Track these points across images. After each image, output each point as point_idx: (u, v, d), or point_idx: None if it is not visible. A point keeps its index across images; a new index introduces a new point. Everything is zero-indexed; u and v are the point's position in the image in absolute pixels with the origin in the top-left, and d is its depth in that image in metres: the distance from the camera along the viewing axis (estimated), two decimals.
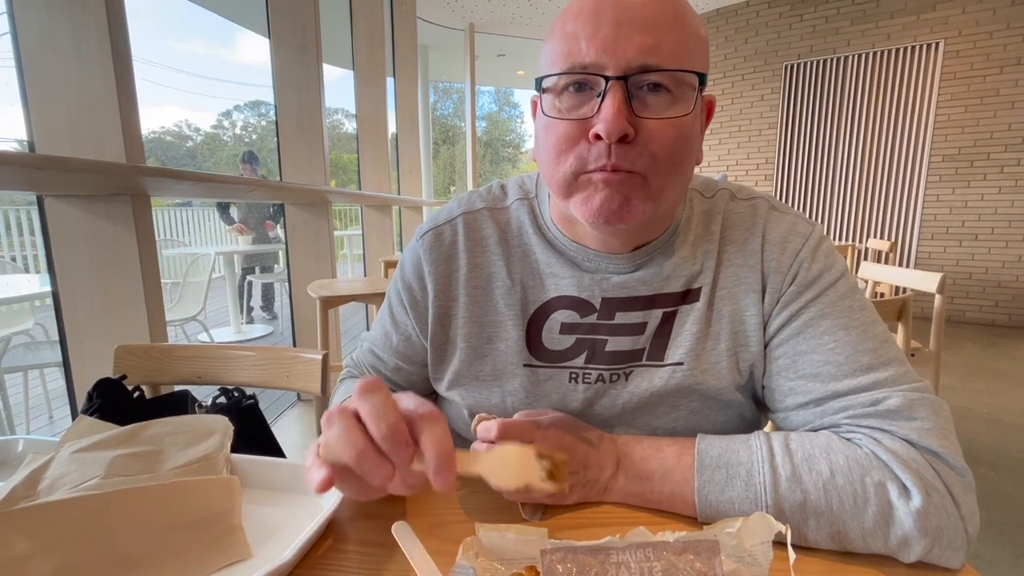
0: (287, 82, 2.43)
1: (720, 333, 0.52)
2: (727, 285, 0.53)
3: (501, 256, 0.57)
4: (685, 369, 0.52)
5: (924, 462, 0.41)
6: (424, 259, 0.58)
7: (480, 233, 0.58)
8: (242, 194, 2.46)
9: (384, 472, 0.35)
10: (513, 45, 6.57)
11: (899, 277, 1.95)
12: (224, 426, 0.53)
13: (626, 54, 0.43)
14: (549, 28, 0.49)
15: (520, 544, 0.37)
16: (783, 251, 0.52)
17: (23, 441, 0.57)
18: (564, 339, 0.55)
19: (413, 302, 0.59)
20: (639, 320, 0.53)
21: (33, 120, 1.19)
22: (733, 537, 0.36)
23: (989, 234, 4.20)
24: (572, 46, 0.45)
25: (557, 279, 0.55)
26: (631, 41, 0.43)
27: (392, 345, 0.62)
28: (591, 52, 0.44)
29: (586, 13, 0.45)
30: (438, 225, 0.59)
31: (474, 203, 0.60)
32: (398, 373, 0.63)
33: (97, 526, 0.39)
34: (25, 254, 5.05)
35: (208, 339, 3.42)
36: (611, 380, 0.54)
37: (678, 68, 0.44)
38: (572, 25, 0.45)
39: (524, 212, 0.58)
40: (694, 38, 0.45)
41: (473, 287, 0.57)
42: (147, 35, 8.18)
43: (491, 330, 0.56)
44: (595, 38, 0.44)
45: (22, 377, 2.17)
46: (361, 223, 3.89)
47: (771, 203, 0.55)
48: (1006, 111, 4.03)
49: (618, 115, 0.43)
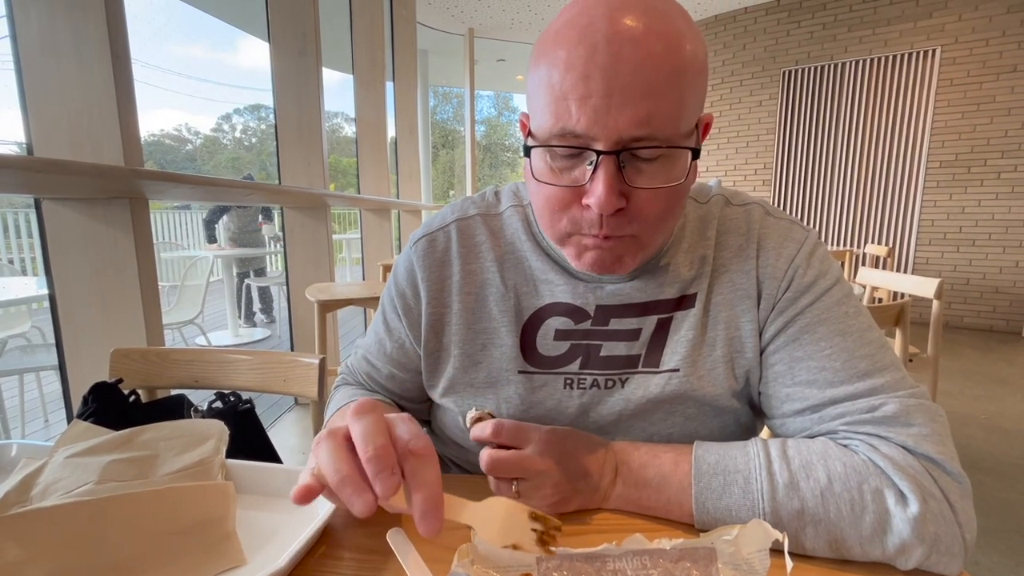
0: (287, 86, 2.44)
1: (716, 339, 0.52)
2: (722, 291, 0.53)
3: (495, 263, 0.56)
4: (681, 376, 0.52)
5: (921, 468, 0.41)
6: (417, 266, 0.58)
7: (473, 239, 0.58)
8: (240, 197, 2.46)
9: (365, 502, 0.33)
10: (512, 50, 6.60)
11: (897, 283, 1.96)
12: (219, 431, 0.52)
13: (617, 127, 0.40)
14: (536, 53, 0.45)
15: (515, 552, 0.37)
16: (778, 257, 0.51)
17: (16, 445, 0.57)
18: (559, 345, 0.54)
19: (407, 309, 0.59)
20: (634, 326, 0.53)
21: (32, 123, 1.19)
22: (730, 545, 0.36)
23: (986, 240, 4.21)
24: (561, 107, 0.41)
25: (551, 286, 0.55)
26: (622, 113, 0.40)
27: (386, 352, 0.62)
28: (581, 122, 0.41)
29: (575, 72, 0.40)
30: (431, 232, 0.59)
31: (467, 210, 0.60)
32: (392, 380, 0.63)
33: (90, 532, 0.38)
34: (23, 257, 5.04)
35: (205, 343, 3.41)
36: (606, 386, 0.54)
37: (671, 143, 0.42)
38: (561, 79, 0.41)
39: (518, 219, 0.58)
40: (691, 91, 0.42)
41: (467, 294, 0.56)
42: (147, 39, 8.22)
43: (485, 337, 0.56)
44: (585, 106, 0.40)
45: (18, 380, 2.17)
46: (360, 227, 3.89)
47: (766, 208, 0.55)
48: (1002, 117, 4.05)
49: (610, 193, 0.41)
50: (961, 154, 4.22)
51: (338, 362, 2.66)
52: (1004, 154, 4.07)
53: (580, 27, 0.41)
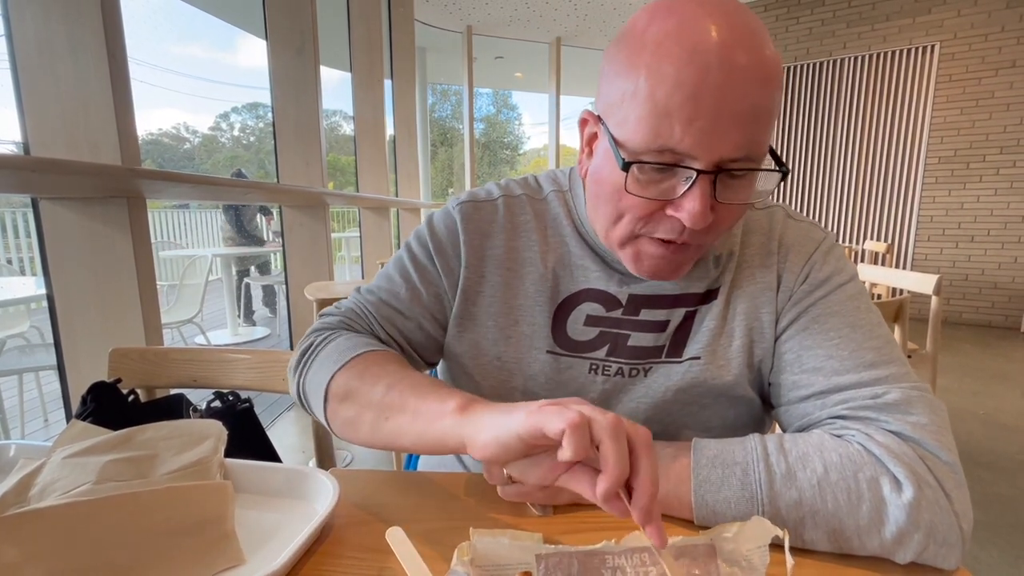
0: (285, 84, 2.43)
1: (735, 330, 0.54)
2: (743, 285, 0.55)
3: (538, 243, 0.58)
4: (702, 363, 0.53)
5: (915, 456, 0.42)
6: (461, 227, 0.58)
7: (520, 218, 0.59)
8: (239, 196, 2.46)
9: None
10: (511, 47, 6.58)
11: (896, 279, 1.96)
12: (218, 431, 0.52)
13: (721, 150, 0.41)
14: (628, 59, 0.43)
15: (515, 549, 0.37)
16: (797, 254, 0.54)
17: (15, 446, 0.57)
18: (588, 330, 0.56)
19: (446, 267, 0.58)
20: (663, 318, 0.55)
21: (28, 122, 1.19)
22: (730, 542, 0.36)
23: (985, 236, 4.21)
24: (663, 125, 0.41)
25: (587, 272, 0.56)
26: (728, 137, 0.41)
27: (422, 301, 0.58)
28: (685, 142, 0.41)
29: (684, 92, 0.40)
30: (478, 200, 0.60)
31: (513, 189, 0.61)
32: (419, 332, 0.59)
33: (88, 533, 0.38)
34: (21, 256, 5.03)
35: (205, 342, 3.41)
36: (630, 375, 0.55)
37: (763, 166, 0.43)
38: (666, 97, 0.41)
39: (559, 204, 0.59)
40: (778, 108, 0.44)
41: (507, 269, 0.58)
42: (145, 38, 8.20)
43: (518, 313, 0.57)
44: (691, 127, 0.41)
45: (17, 380, 2.16)
46: (359, 225, 3.89)
47: (787, 212, 0.58)
48: (1001, 113, 4.05)
49: (704, 211, 0.43)
50: (960, 150, 4.22)
51: None
52: (1003, 150, 4.07)
53: (689, 45, 0.40)
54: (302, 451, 2.15)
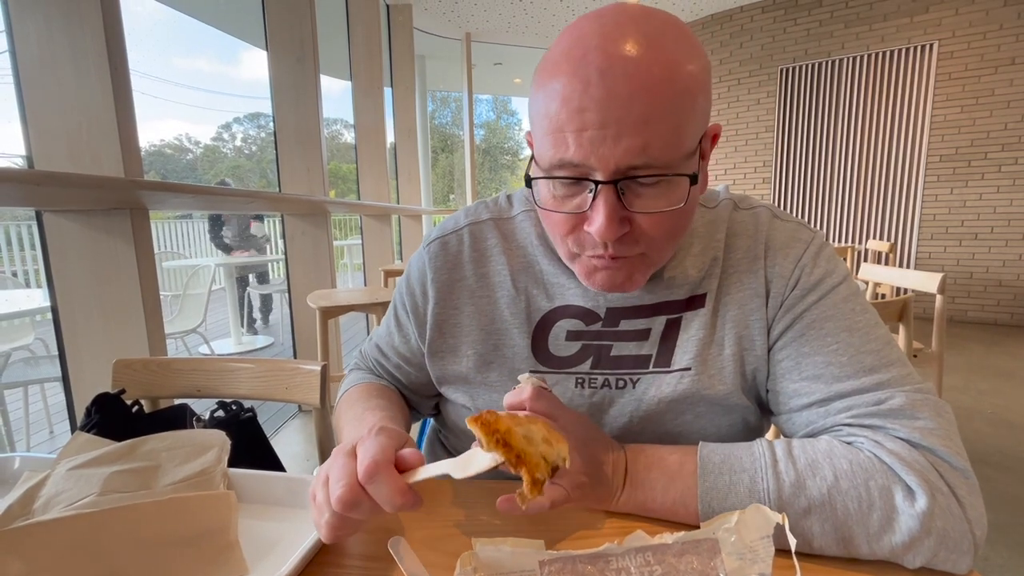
0: (285, 94, 2.45)
1: (725, 339, 0.53)
2: (731, 291, 0.53)
3: (506, 266, 0.58)
4: (693, 375, 0.52)
5: (927, 463, 0.41)
6: (428, 267, 0.60)
7: (485, 244, 0.60)
8: (241, 206, 2.47)
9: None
10: (509, 53, 6.61)
11: (899, 278, 1.95)
12: (221, 441, 0.52)
13: (614, 158, 0.41)
14: (535, 80, 0.45)
15: (517, 557, 0.37)
16: (785, 257, 0.52)
17: (20, 458, 0.57)
18: (570, 345, 0.55)
19: (414, 308, 0.62)
20: (643, 327, 0.54)
21: (32, 136, 1.20)
22: (732, 533, 0.36)
23: (989, 233, 4.19)
24: (558, 138, 0.42)
25: (563, 289, 0.56)
26: (618, 144, 0.40)
27: (394, 345, 0.65)
28: (578, 153, 0.41)
29: (571, 106, 0.41)
30: (445, 235, 0.61)
31: (480, 214, 0.62)
32: (400, 371, 0.67)
33: (92, 544, 0.38)
34: (26, 269, 5.06)
35: (209, 351, 3.41)
36: (617, 386, 0.54)
37: (670, 168, 0.42)
38: (557, 112, 0.42)
39: (530, 223, 0.59)
40: (690, 113, 0.42)
41: (479, 297, 0.58)
42: (146, 50, 8.23)
43: (497, 338, 0.57)
44: (580, 138, 0.41)
45: (22, 392, 2.17)
46: (360, 232, 3.90)
47: (773, 212, 0.56)
48: (1002, 110, 4.04)
49: (609, 222, 0.42)
50: (961, 148, 4.21)
51: (340, 369, 2.66)
52: (1004, 147, 4.06)
53: (575, 59, 0.41)
54: (306, 459, 2.15)
